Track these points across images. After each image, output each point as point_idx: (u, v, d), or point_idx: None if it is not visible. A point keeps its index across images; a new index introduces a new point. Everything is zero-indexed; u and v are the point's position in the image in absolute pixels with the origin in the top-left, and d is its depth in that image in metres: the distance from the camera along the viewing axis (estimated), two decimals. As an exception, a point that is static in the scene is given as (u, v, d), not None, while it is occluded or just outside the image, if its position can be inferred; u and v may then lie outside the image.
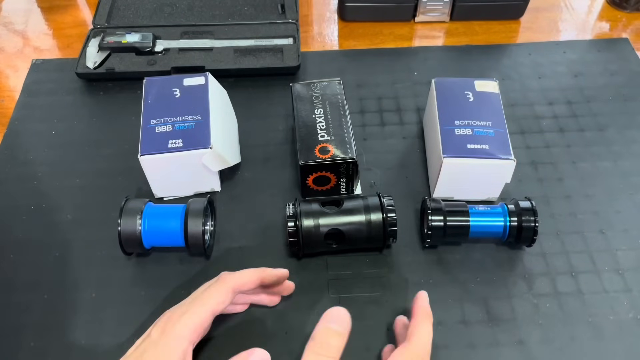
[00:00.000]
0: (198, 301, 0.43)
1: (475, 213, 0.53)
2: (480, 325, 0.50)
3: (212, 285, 0.44)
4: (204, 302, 0.43)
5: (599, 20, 0.79)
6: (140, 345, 0.41)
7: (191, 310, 0.42)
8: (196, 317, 0.42)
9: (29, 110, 0.68)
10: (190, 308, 0.42)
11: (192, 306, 0.43)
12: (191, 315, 0.42)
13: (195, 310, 0.42)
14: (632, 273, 0.54)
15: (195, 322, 0.42)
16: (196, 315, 0.42)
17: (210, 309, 0.43)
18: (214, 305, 0.43)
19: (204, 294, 0.44)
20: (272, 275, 0.48)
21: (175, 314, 0.42)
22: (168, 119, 0.56)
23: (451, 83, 0.59)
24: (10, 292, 0.53)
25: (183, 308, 0.43)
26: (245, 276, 0.46)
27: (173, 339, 0.40)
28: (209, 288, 0.44)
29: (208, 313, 0.42)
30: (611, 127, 0.65)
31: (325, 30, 0.78)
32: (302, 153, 0.54)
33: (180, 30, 0.74)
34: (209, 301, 0.43)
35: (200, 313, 0.42)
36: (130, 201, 0.52)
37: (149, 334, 0.42)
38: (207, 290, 0.44)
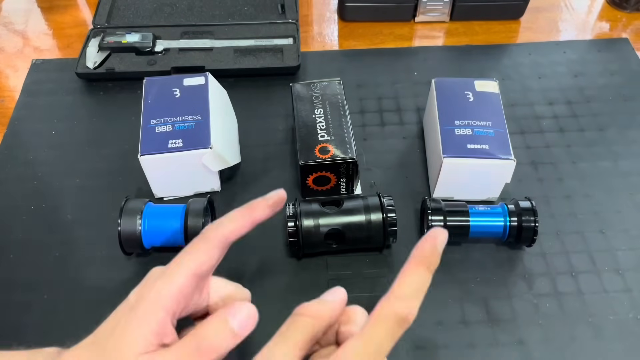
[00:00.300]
0: (175, 263, 0.36)
1: (475, 213, 0.53)
2: (480, 325, 0.50)
3: (193, 243, 0.36)
4: (182, 264, 0.35)
5: (599, 20, 0.79)
6: (119, 310, 0.35)
7: (168, 274, 0.35)
8: (174, 283, 0.34)
9: (29, 110, 0.68)
10: (167, 271, 0.35)
11: (169, 268, 0.35)
12: (168, 280, 0.34)
13: (172, 273, 0.35)
14: (632, 273, 0.53)
15: (172, 288, 0.34)
16: (174, 281, 0.34)
17: (190, 272, 0.35)
18: (194, 266, 0.35)
19: (181, 253, 0.36)
20: (267, 209, 0.39)
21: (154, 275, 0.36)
22: (168, 119, 0.56)
23: (451, 83, 0.59)
24: (10, 292, 0.53)
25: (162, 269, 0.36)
26: (233, 224, 0.38)
27: (148, 307, 0.34)
28: (188, 246, 0.36)
29: (188, 276, 0.35)
30: (611, 127, 0.65)
31: (325, 30, 0.78)
32: (302, 153, 0.54)
33: (180, 30, 0.74)
34: (188, 263, 0.35)
35: (177, 278, 0.34)
36: (130, 201, 0.52)
37: (127, 300, 0.36)
38: (185, 250, 0.36)
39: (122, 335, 0.33)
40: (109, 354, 0.33)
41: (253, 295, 0.52)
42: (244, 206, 0.39)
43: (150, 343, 0.33)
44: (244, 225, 0.38)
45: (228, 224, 0.38)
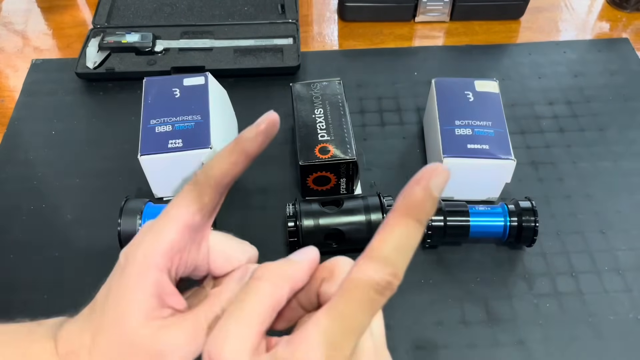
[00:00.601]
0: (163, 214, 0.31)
1: (475, 213, 0.53)
2: (480, 325, 0.50)
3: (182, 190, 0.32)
4: (171, 215, 0.30)
5: (599, 20, 0.79)
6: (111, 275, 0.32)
7: (156, 227, 0.30)
8: (164, 236, 0.30)
9: (28, 110, 0.68)
10: (156, 223, 0.31)
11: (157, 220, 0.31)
12: (157, 234, 0.30)
13: (161, 226, 0.30)
14: (632, 273, 0.53)
15: (163, 243, 0.30)
16: (163, 234, 0.30)
17: (181, 222, 0.30)
18: (185, 215, 0.30)
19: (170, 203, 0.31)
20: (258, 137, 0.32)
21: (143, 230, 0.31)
22: (168, 119, 0.56)
23: (451, 83, 0.59)
24: (10, 292, 0.53)
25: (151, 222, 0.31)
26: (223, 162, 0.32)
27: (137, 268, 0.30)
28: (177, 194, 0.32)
29: (179, 227, 0.30)
30: (611, 127, 0.65)
31: (325, 30, 0.78)
32: (302, 153, 0.54)
33: (180, 30, 0.74)
34: (177, 213, 0.30)
35: (167, 230, 0.30)
36: (130, 201, 0.52)
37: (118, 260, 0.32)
38: (174, 198, 0.31)
39: (119, 302, 0.30)
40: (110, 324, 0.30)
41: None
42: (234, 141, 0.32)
43: (152, 306, 0.29)
44: (236, 161, 0.32)
45: (218, 164, 0.32)
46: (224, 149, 0.32)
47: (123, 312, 0.30)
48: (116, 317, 0.30)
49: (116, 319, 0.30)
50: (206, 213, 0.32)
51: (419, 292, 0.52)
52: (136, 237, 0.31)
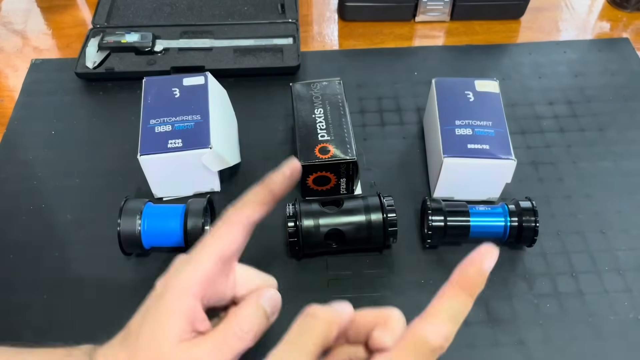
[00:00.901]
0: (199, 247, 0.35)
1: (475, 213, 0.53)
2: (480, 325, 0.50)
3: (217, 226, 0.36)
4: (207, 247, 0.35)
5: (600, 20, 0.79)
6: (147, 302, 0.35)
7: (193, 259, 0.35)
8: (200, 268, 0.34)
9: (28, 110, 0.68)
10: (192, 257, 0.35)
11: (194, 254, 0.35)
12: (194, 266, 0.34)
13: (198, 257, 0.35)
14: (632, 273, 0.53)
15: (199, 274, 0.34)
16: (200, 266, 0.34)
17: (216, 256, 0.35)
18: (220, 250, 0.35)
19: (207, 237, 0.36)
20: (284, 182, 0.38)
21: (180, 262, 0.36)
22: (168, 118, 0.56)
23: (451, 83, 0.59)
24: (10, 292, 0.53)
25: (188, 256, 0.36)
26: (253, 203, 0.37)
27: (176, 295, 0.33)
28: (211, 231, 0.36)
29: (214, 260, 0.34)
30: (611, 127, 0.65)
31: (325, 30, 0.78)
32: (302, 153, 0.54)
33: (180, 30, 0.74)
34: (213, 247, 0.35)
35: (203, 262, 0.34)
36: (129, 201, 0.52)
37: (154, 288, 0.35)
38: (210, 233, 0.36)
39: (155, 326, 0.33)
40: (145, 347, 0.33)
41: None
42: (262, 184, 0.37)
43: (184, 330, 0.33)
44: (265, 204, 0.37)
45: (249, 205, 0.37)
46: (253, 191, 0.37)
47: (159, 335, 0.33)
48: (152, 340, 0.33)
49: (152, 342, 0.33)
50: (237, 247, 0.36)
51: (419, 292, 0.52)
52: (173, 268, 0.35)
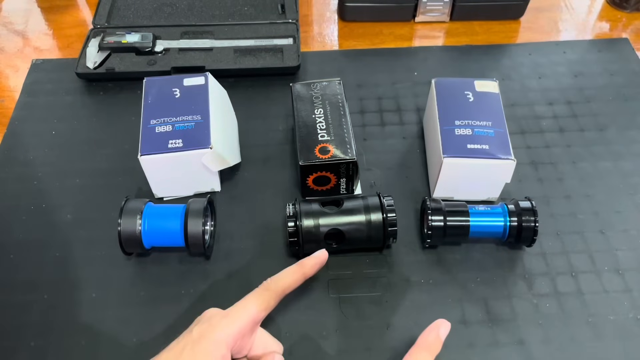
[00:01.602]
0: (240, 305, 0.43)
1: (475, 213, 0.53)
2: (480, 325, 0.50)
3: (254, 291, 0.44)
4: (246, 307, 0.42)
5: (599, 20, 0.79)
6: (181, 341, 0.41)
7: (232, 315, 0.42)
8: (237, 323, 0.41)
9: (29, 110, 0.68)
10: (232, 312, 0.42)
11: (233, 310, 0.42)
12: (232, 320, 0.41)
13: (236, 315, 0.42)
14: (632, 273, 0.53)
15: (235, 328, 0.41)
16: (237, 321, 0.41)
17: (252, 315, 0.42)
18: (255, 311, 0.42)
19: (246, 298, 0.43)
20: (314, 266, 0.47)
21: (218, 316, 0.42)
22: (168, 119, 0.56)
23: (451, 83, 0.59)
24: (10, 292, 0.53)
25: (226, 311, 0.42)
26: (288, 278, 0.45)
27: (212, 342, 0.40)
28: (252, 292, 0.44)
29: (249, 319, 0.42)
30: (611, 127, 0.65)
31: (325, 30, 0.78)
32: (302, 153, 0.54)
33: (180, 30, 0.74)
34: (250, 307, 0.42)
35: (240, 319, 0.41)
36: (130, 201, 0.52)
37: (190, 331, 0.41)
38: (249, 295, 0.43)
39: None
40: None
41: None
42: (297, 264, 0.46)
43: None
44: (297, 280, 0.46)
45: (286, 279, 0.45)
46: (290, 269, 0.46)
47: None
48: None
49: None
50: (268, 312, 0.44)
51: (419, 292, 0.52)
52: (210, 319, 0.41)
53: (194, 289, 0.53)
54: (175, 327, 0.50)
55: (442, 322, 0.43)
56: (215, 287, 0.53)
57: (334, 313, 0.51)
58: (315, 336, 0.50)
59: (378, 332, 0.50)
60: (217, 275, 0.54)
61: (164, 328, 0.50)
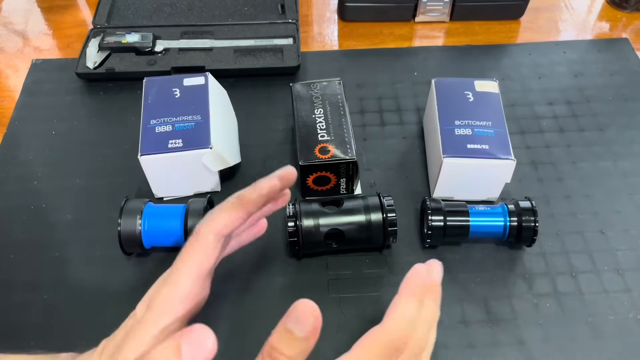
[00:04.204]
0: (176, 267, 0.36)
1: (475, 213, 0.53)
2: (480, 325, 0.50)
3: (188, 243, 0.37)
4: (183, 268, 0.36)
5: (599, 20, 0.79)
6: (127, 324, 0.36)
7: (171, 279, 0.36)
8: (179, 287, 0.35)
9: (29, 110, 0.68)
10: (171, 277, 0.36)
11: (171, 274, 0.36)
12: (173, 286, 0.36)
13: (176, 278, 0.36)
14: (632, 273, 0.54)
15: (179, 292, 0.35)
16: (179, 285, 0.35)
17: (193, 273, 0.36)
18: (196, 267, 0.36)
19: (180, 256, 0.37)
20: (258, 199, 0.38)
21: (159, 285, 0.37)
22: (168, 119, 0.56)
23: (451, 83, 0.59)
24: (10, 292, 0.53)
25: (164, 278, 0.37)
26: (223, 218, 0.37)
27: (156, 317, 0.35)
28: (184, 248, 0.37)
29: (192, 278, 0.36)
30: (611, 127, 0.65)
31: (325, 30, 0.78)
32: (302, 153, 0.54)
33: (180, 30, 0.74)
34: (189, 265, 0.36)
35: (182, 281, 0.36)
36: (130, 201, 0.52)
37: (134, 312, 0.37)
38: (183, 252, 0.37)
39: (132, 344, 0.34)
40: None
41: (252, 295, 0.52)
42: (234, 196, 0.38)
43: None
44: (236, 218, 0.37)
45: (220, 219, 0.37)
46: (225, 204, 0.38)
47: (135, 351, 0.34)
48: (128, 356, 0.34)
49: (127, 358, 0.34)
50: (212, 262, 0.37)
51: (419, 292, 0.52)
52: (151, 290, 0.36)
53: (194, 289, 0.53)
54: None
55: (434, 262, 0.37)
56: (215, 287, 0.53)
57: (334, 313, 0.51)
58: (315, 336, 0.50)
59: (378, 332, 0.50)
60: (216, 275, 0.53)
61: (164, 328, 0.50)
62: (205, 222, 0.37)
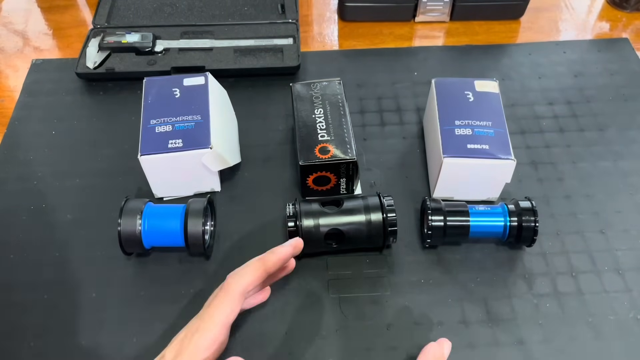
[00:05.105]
0: (207, 317, 0.42)
1: (475, 213, 0.53)
2: (480, 325, 0.50)
3: (218, 296, 0.43)
4: (214, 317, 0.42)
5: (599, 20, 0.79)
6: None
7: (202, 327, 0.41)
8: (208, 335, 0.41)
9: (29, 110, 0.68)
10: (201, 325, 0.42)
11: (202, 323, 0.42)
12: (203, 334, 0.41)
13: (206, 327, 0.41)
14: (632, 273, 0.54)
15: (208, 340, 0.41)
16: (208, 333, 0.41)
17: (221, 323, 0.42)
18: (224, 318, 0.42)
19: (211, 307, 0.43)
20: (277, 262, 0.46)
21: (189, 333, 0.42)
22: (168, 119, 0.56)
23: (451, 83, 0.59)
24: (10, 292, 0.53)
25: (194, 326, 0.42)
26: (249, 276, 0.44)
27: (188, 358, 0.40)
28: (215, 299, 0.43)
29: (219, 327, 0.42)
30: (611, 127, 0.65)
31: (325, 30, 0.78)
32: (302, 153, 0.54)
33: (180, 30, 0.74)
34: (218, 315, 0.42)
35: (211, 329, 0.41)
36: (130, 201, 0.52)
37: (163, 356, 0.41)
38: (213, 303, 0.43)
39: None
40: None
41: (253, 295, 0.52)
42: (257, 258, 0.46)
43: None
44: (259, 277, 0.45)
45: (246, 277, 0.44)
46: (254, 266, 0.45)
47: None
48: None
49: None
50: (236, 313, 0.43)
51: (419, 292, 0.52)
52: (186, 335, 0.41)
53: (194, 289, 0.53)
54: (175, 326, 0.50)
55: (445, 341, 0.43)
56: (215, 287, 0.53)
57: (334, 313, 0.51)
58: (315, 336, 0.50)
59: (378, 332, 0.50)
60: (217, 275, 0.54)
61: (164, 328, 0.50)
62: (234, 277, 0.44)
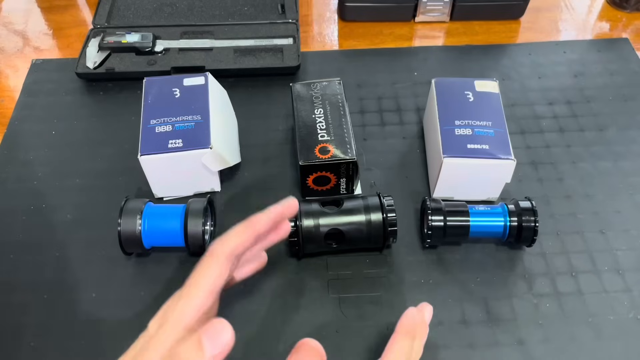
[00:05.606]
0: (192, 283, 0.39)
1: (475, 213, 0.53)
2: (480, 325, 0.50)
3: (203, 261, 0.39)
4: (199, 282, 0.38)
5: (599, 20, 0.79)
6: (139, 341, 0.37)
7: (186, 294, 0.38)
8: (193, 301, 0.37)
9: (29, 110, 0.68)
10: (185, 292, 0.38)
11: (186, 289, 0.38)
12: (187, 300, 0.38)
13: (191, 293, 0.38)
14: (632, 273, 0.54)
15: (193, 306, 0.37)
16: (193, 299, 0.38)
17: (207, 289, 0.38)
18: (210, 284, 0.38)
19: (196, 273, 0.39)
20: (267, 222, 0.42)
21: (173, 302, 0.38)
22: (168, 119, 0.56)
23: (451, 83, 0.59)
24: (10, 292, 0.53)
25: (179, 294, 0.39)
26: (236, 238, 0.41)
27: (170, 330, 0.36)
28: (199, 265, 0.39)
29: (205, 293, 0.38)
30: (611, 127, 0.65)
31: (325, 30, 0.78)
32: (302, 153, 0.54)
33: (180, 30, 0.74)
34: (203, 281, 0.38)
35: (197, 295, 0.38)
36: (130, 201, 0.52)
37: (147, 329, 0.38)
38: (198, 269, 0.39)
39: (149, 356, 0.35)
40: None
41: (252, 295, 0.52)
42: (246, 222, 0.42)
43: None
44: (247, 239, 0.41)
45: (232, 239, 0.40)
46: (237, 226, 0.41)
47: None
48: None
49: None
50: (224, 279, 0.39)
51: (419, 292, 0.52)
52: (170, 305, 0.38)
53: (194, 289, 0.53)
54: (175, 327, 0.50)
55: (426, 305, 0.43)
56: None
57: (334, 313, 0.51)
58: (315, 336, 0.50)
59: (378, 332, 0.50)
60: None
61: (164, 328, 0.50)
62: (220, 241, 0.40)
